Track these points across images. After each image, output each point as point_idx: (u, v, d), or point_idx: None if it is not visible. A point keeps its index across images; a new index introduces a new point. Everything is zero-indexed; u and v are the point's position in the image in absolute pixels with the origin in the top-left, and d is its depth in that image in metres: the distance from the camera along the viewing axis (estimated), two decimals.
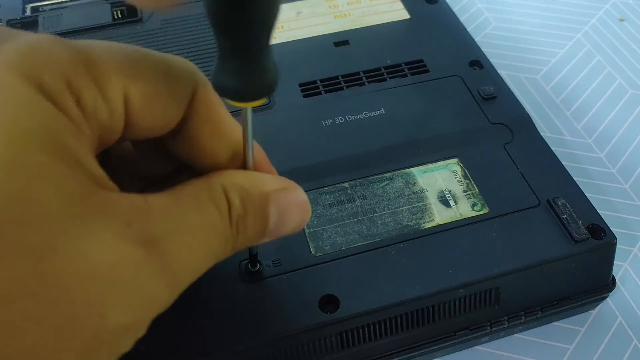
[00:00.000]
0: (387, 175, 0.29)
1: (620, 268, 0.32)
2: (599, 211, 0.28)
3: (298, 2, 0.40)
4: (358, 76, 0.35)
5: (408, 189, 0.29)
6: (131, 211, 0.16)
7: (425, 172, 0.29)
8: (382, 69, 0.35)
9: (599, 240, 0.27)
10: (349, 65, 0.35)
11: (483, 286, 0.26)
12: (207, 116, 0.19)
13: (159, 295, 0.17)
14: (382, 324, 0.25)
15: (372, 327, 0.25)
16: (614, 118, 0.39)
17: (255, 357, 0.24)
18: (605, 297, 0.29)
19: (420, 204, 0.28)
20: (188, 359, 0.23)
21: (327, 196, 0.28)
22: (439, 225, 0.27)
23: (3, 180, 0.14)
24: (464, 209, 0.28)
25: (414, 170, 0.29)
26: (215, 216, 0.18)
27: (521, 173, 0.29)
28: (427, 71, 0.35)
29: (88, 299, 0.15)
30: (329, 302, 0.25)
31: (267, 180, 0.20)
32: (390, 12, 0.39)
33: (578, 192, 0.28)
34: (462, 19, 0.40)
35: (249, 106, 0.18)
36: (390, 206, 0.28)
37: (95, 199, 0.15)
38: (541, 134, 0.31)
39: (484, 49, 0.37)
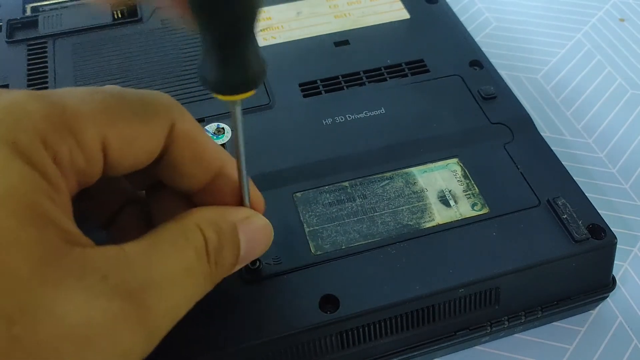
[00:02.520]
0: (387, 174, 0.29)
1: (620, 268, 0.31)
2: (599, 211, 0.28)
3: (298, 2, 0.40)
4: (358, 76, 0.35)
5: (408, 189, 0.29)
6: (106, 264, 0.16)
7: (425, 171, 0.29)
8: (382, 68, 0.35)
9: (599, 240, 0.27)
10: (349, 65, 0.35)
11: (483, 286, 0.26)
12: (187, 144, 0.20)
13: (138, 346, 0.17)
14: (382, 323, 0.25)
15: (372, 327, 0.25)
16: (614, 118, 0.39)
17: (255, 357, 0.24)
18: (606, 297, 0.29)
19: (420, 203, 0.28)
20: (188, 358, 0.23)
21: (327, 195, 0.28)
22: (439, 225, 0.27)
23: None
24: (464, 209, 0.28)
25: (414, 169, 0.29)
26: (193, 258, 0.19)
27: (521, 173, 0.29)
28: (427, 71, 0.35)
29: (64, 358, 0.15)
30: (329, 302, 0.25)
31: (233, 212, 0.21)
32: (391, 12, 0.39)
33: (578, 192, 0.28)
34: (462, 19, 0.40)
35: (233, 99, 0.18)
36: (390, 205, 0.28)
37: (67, 258, 0.16)
38: (541, 134, 0.31)
39: (484, 49, 0.37)
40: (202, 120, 0.32)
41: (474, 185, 0.29)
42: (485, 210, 0.28)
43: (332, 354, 0.25)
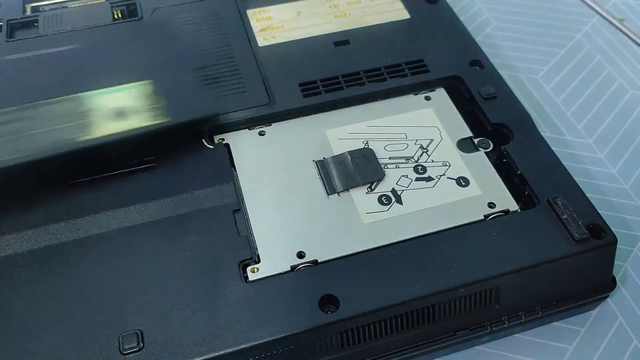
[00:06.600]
0: None
1: (621, 268, 0.31)
2: (599, 211, 0.28)
3: (298, 2, 0.40)
4: (358, 76, 0.34)
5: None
6: None
7: None
8: (382, 68, 0.35)
9: (599, 240, 0.27)
10: (349, 65, 0.35)
11: (483, 286, 0.26)
12: None
13: None
14: (382, 323, 0.25)
15: (372, 327, 0.25)
16: (614, 118, 0.39)
17: (255, 357, 0.24)
18: (606, 297, 0.29)
19: None
20: (188, 358, 0.23)
21: None
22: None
23: None
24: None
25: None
26: None
27: (521, 173, 0.29)
28: (427, 71, 0.35)
29: None
30: (329, 302, 0.25)
31: None
32: (391, 12, 0.39)
33: (578, 192, 0.28)
34: (462, 18, 0.40)
35: None
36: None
37: None
38: (541, 134, 0.31)
39: (484, 49, 0.37)
40: (202, 120, 0.32)
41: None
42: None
43: (332, 353, 0.25)
